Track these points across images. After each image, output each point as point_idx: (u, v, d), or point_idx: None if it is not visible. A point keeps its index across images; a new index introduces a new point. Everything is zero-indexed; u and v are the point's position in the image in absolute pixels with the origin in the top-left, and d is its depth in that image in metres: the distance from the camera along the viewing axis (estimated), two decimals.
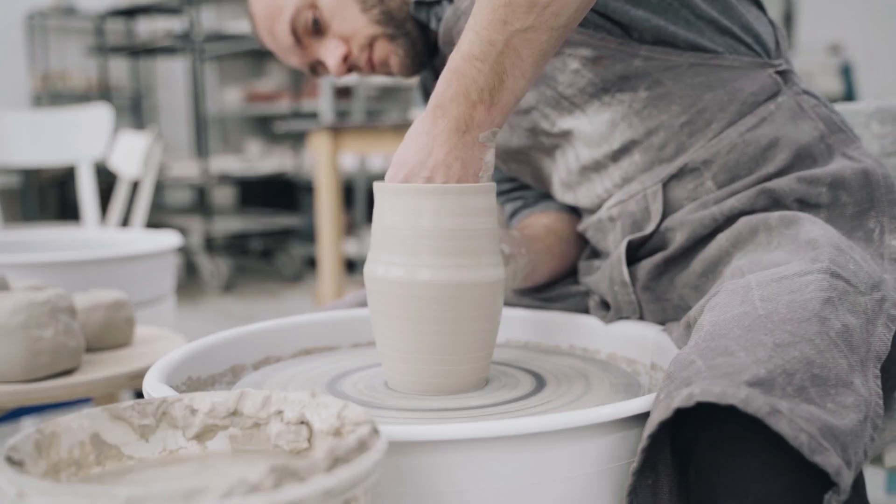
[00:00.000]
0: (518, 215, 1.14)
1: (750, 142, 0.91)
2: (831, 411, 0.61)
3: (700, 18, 0.92)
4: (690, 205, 0.92)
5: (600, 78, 0.93)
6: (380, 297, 0.81)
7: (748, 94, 0.92)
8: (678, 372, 0.64)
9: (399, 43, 1.04)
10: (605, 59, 0.92)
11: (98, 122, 2.80)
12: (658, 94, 0.92)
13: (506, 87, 0.77)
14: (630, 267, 0.94)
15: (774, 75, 0.94)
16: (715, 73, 0.92)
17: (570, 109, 0.96)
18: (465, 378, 0.81)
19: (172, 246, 1.84)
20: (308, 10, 1.03)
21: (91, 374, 1.08)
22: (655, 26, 0.91)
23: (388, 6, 1.03)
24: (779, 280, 0.71)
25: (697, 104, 0.92)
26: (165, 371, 0.81)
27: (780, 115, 0.92)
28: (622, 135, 0.94)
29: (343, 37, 1.04)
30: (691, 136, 0.92)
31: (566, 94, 0.95)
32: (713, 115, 0.92)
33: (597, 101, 0.94)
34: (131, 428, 0.61)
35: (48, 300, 1.06)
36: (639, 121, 0.93)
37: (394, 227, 0.79)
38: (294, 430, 0.61)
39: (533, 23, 0.75)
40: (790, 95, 0.94)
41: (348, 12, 1.03)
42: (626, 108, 0.93)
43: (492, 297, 0.80)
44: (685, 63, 0.92)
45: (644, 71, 0.92)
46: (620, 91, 0.93)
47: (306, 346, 1.01)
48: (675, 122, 0.92)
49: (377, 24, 1.03)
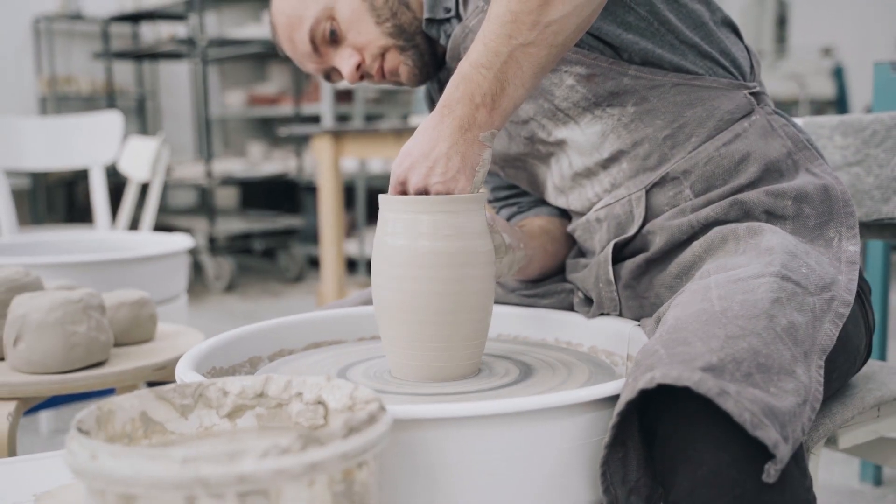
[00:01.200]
0: (514, 219, 1.24)
1: (725, 155, 1.01)
2: (773, 394, 0.71)
3: (684, 43, 1.02)
4: (670, 210, 1.02)
5: (593, 93, 1.03)
6: (383, 304, 0.91)
7: (725, 112, 1.02)
8: (644, 359, 0.74)
9: (409, 54, 1.14)
10: (598, 77, 1.02)
11: (108, 128, 2.91)
12: (644, 109, 1.02)
13: (506, 93, 0.88)
14: (614, 266, 1.05)
15: (749, 96, 1.04)
16: (696, 93, 1.02)
17: (565, 121, 1.06)
18: (460, 367, 0.91)
19: (185, 247, 1.94)
20: (326, 21, 1.13)
21: (120, 366, 1.18)
22: (644, 49, 1.01)
23: (400, 20, 1.12)
24: (735, 281, 0.82)
25: (679, 120, 1.02)
26: (194, 361, 0.91)
27: (753, 132, 1.02)
28: (611, 145, 1.04)
29: (357, 47, 1.14)
30: (673, 148, 1.02)
31: (562, 106, 1.05)
32: (693, 129, 1.02)
33: (589, 114, 1.04)
34: (173, 407, 0.71)
35: (81, 298, 1.16)
36: (626, 133, 1.03)
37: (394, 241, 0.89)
38: (312, 409, 0.71)
39: (535, 39, 0.86)
40: (762, 115, 1.04)
41: (363, 25, 1.12)
42: (615, 122, 1.04)
43: (482, 302, 0.91)
44: (669, 82, 1.02)
45: (632, 88, 1.02)
46: (611, 106, 1.03)
47: (316, 340, 1.12)
48: (659, 135, 1.02)
49: (389, 37, 1.12)
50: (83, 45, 5.92)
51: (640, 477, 0.77)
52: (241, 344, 1.03)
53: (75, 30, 5.88)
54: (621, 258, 1.06)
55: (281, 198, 5.97)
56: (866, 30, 6.19)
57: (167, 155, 2.96)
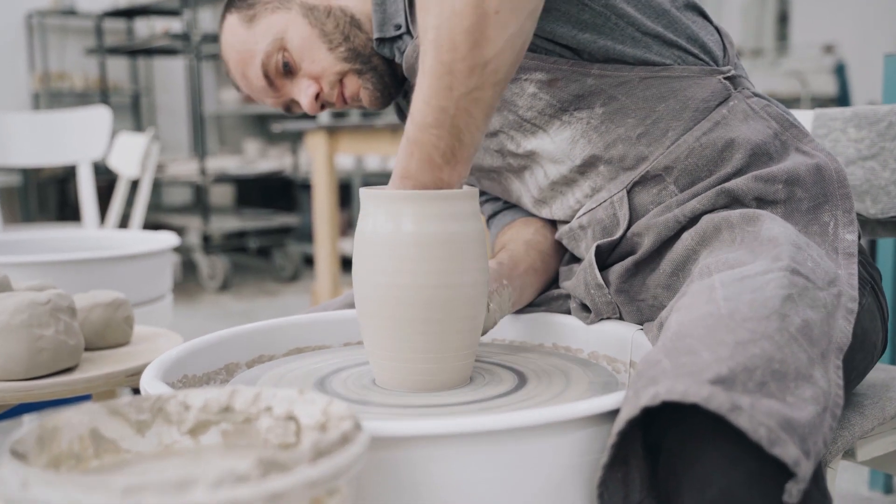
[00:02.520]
0: (498, 218, 1.18)
1: (706, 145, 0.94)
2: (790, 404, 0.64)
3: (646, 35, 0.96)
4: (656, 209, 0.96)
5: (557, 99, 0.97)
6: (366, 302, 0.84)
7: (699, 101, 0.96)
8: (646, 371, 0.67)
9: (367, 77, 1.08)
10: (560, 81, 0.96)
11: (97, 124, 2.84)
12: (613, 109, 0.96)
13: (464, 143, 0.82)
14: (603, 272, 0.98)
15: (724, 81, 0.97)
16: (666, 85, 0.96)
17: (533, 131, 1.00)
18: (450, 376, 0.84)
19: (170, 246, 1.87)
20: (278, 53, 1.08)
21: (90, 372, 1.11)
22: (603, 47, 0.95)
23: (354, 44, 1.07)
24: (741, 279, 0.75)
25: (652, 115, 0.96)
26: (162, 369, 0.84)
27: (733, 118, 0.96)
28: (583, 150, 0.98)
29: (313, 76, 1.09)
30: (650, 146, 0.96)
31: (526, 116, 0.99)
32: (668, 123, 0.95)
33: (557, 120, 0.98)
34: (128, 423, 0.64)
35: (49, 300, 1.09)
36: (597, 136, 0.97)
37: (377, 234, 0.82)
38: (282, 425, 0.64)
39: (476, 83, 0.79)
40: (741, 99, 0.97)
41: (316, 52, 1.07)
42: (584, 125, 0.97)
43: (476, 298, 0.84)
44: (636, 77, 0.95)
45: (598, 88, 0.96)
46: (578, 109, 0.97)
47: (299, 345, 1.05)
48: (632, 133, 0.96)
49: (344, 61, 1.07)
50: (76, 41, 5.86)
51: (644, 498, 0.70)
52: (217, 349, 0.97)
53: (68, 25, 5.82)
54: (610, 262, 0.99)
55: (276, 195, 5.91)
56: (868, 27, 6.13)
57: (157, 151, 2.90)
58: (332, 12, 1.07)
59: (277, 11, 1.08)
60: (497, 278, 0.98)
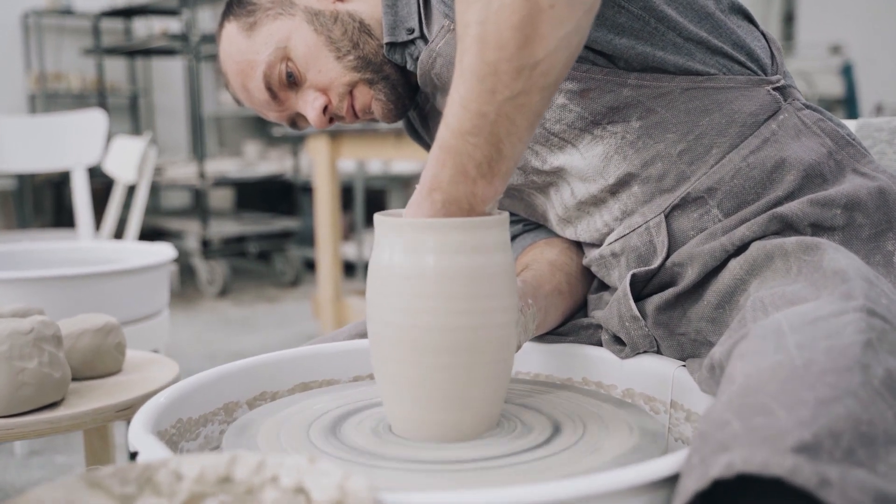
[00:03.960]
0: (519, 240, 1.08)
1: (754, 165, 0.86)
2: (883, 475, 0.55)
3: (688, 40, 0.87)
4: (698, 236, 0.87)
5: (589, 111, 0.88)
6: (382, 343, 0.75)
7: (747, 114, 0.87)
8: (713, 433, 0.58)
9: (379, 87, 1.00)
10: (592, 91, 0.87)
11: (92, 128, 2.75)
12: (652, 122, 0.87)
13: (504, 155, 0.72)
14: (637, 303, 0.89)
15: (773, 92, 0.89)
16: (710, 96, 0.87)
17: (561, 146, 0.91)
18: (474, 424, 0.75)
19: (167, 259, 1.79)
20: (281, 63, 0.99)
21: (77, 407, 1.02)
22: (641, 53, 0.86)
23: (364, 51, 0.98)
24: (813, 322, 0.66)
25: (694, 130, 0.87)
26: (152, 416, 0.75)
27: (783, 134, 0.87)
28: (617, 168, 0.89)
29: (320, 87, 1.00)
30: (691, 164, 0.87)
31: (554, 130, 0.90)
32: (712, 140, 0.87)
33: (588, 134, 0.89)
34: (111, 497, 0.55)
35: (32, 328, 1.01)
36: (633, 152, 0.88)
37: (394, 267, 0.73)
38: (291, 498, 0.55)
39: (523, 87, 0.69)
40: (791, 112, 0.89)
41: (322, 62, 0.98)
42: (619, 140, 0.89)
43: (506, 339, 0.75)
44: (677, 88, 0.87)
45: (634, 100, 0.87)
46: (611, 123, 0.88)
47: (305, 380, 0.96)
48: (673, 150, 0.87)
49: (354, 71, 0.99)
50: (73, 41, 5.77)
51: None
52: (214, 387, 0.88)
53: (65, 25, 5.73)
54: (647, 293, 0.90)
55: (277, 198, 5.82)
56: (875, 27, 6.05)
57: (154, 155, 2.81)
58: (340, 18, 0.98)
59: (280, 18, 0.99)
60: (521, 297, 0.89)
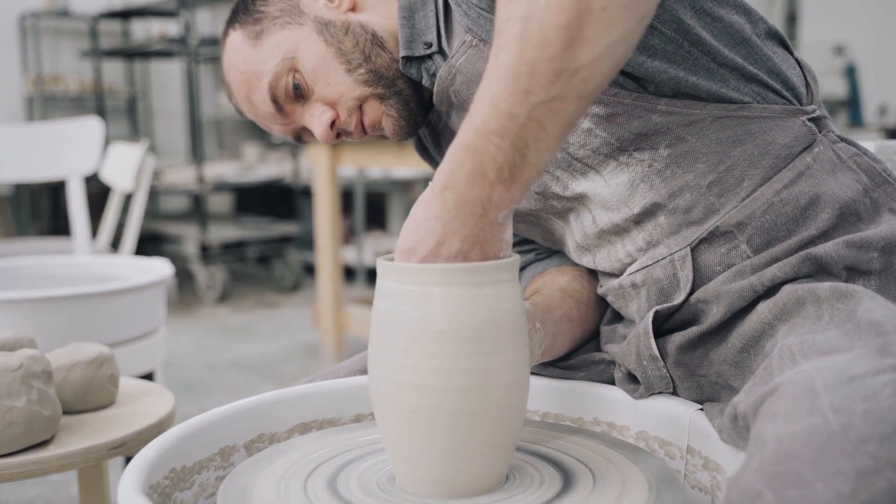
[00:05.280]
0: (529, 269, 1.04)
1: (787, 200, 0.82)
2: None
3: (723, 66, 0.83)
4: (725, 273, 0.83)
5: (615, 137, 0.84)
6: (384, 402, 0.71)
7: (781, 146, 0.83)
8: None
9: (391, 103, 0.95)
10: (620, 116, 0.83)
11: (89, 136, 2.71)
12: (681, 151, 0.83)
13: (528, 162, 0.68)
14: (658, 339, 0.85)
15: (808, 123, 0.85)
16: (743, 126, 0.83)
17: (584, 171, 0.87)
18: (483, 480, 0.71)
19: (164, 277, 1.75)
20: (288, 74, 0.94)
21: (67, 446, 0.99)
22: (674, 78, 0.82)
23: (376, 64, 0.94)
24: (849, 381, 0.62)
25: (725, 161, 0.83)
26: (144, 471, 0.71)
27: (819, 168, 0.83)
28: (643, 197, 0.85)
29: (328, 101, 0.95)
30: (721, 197, 0.83)
31: (578, 155, 0.86)
32: (744, 172, 0.83)
33: (613, 161, 0.85)
34: None
35: (21, 365, 0.97)
36: (661, 181, 0.84)
37: (398, 318, 0.69)
38: None
39: (560, 92, 0.65)
40: (826, 145, 0.85)
41: (332, 75, 0.94)
42: (646, 168, 0.85)
43: (517, 397, 0.71)
44: (709, 116, 0.83)
45: (664, 127, 0.83)
46: (639, 150, 0.84)
47: (304, 420, 0.92)
48: (702, 181, 0.83)
49: (365, 85, 0.94)
50: (71, 44, 5.73)
51: None
52: (208, 432, 0.84)
53: (63, 27, 5.69)
54: (667, 330, 0.86)
55: (276, 202, 5.77)
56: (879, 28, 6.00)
57: (152, 163, 2.77)
58: (351, 29, 0.94)
59: (288, 27, 0.95)
60: (530, 320, 0.85)
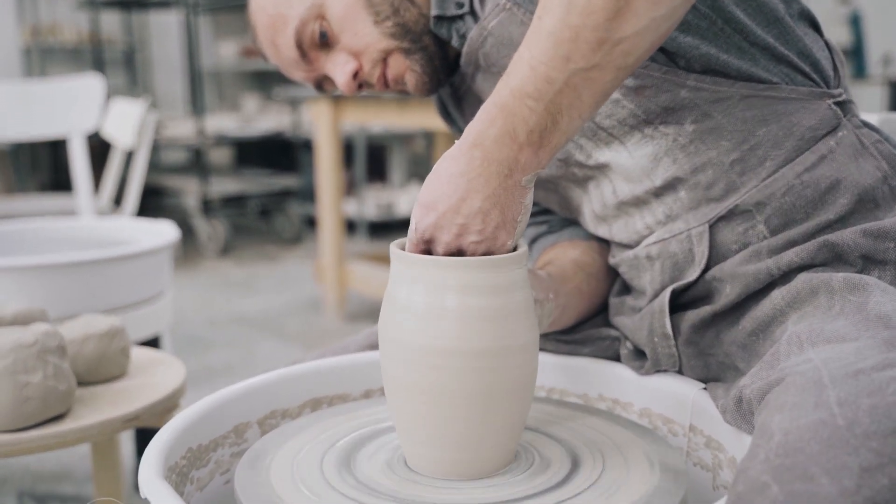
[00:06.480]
0: (541, 241, 1.05)
1: (808, 183, 0.82)
2: None
3: (754, 45, 0.83)
4: (742, 253, 0.84)
5: (642, 109, 0.84)
6: (397, 384, 0.73)
7: (806, 128, 0.83)
8: (750, 496, 0.56)
9: (416, 58, 0.95)
10: (648, 89, 0.83)
11: (90, 93, 2.69)
12: (706, 127, 0.84)
13: (559, 128, 0.69)
14: (671, 316, 0.87)
15: (834, 107, 0.85)
16: (769, 106, 0.83)
17: (608, 141, 0.88)
18: (492, 461, 0.74)
19: (170, 241, 1.76)
20: (315, 21, 0.94)
21: (83, 420, 1.01)
22: (705, 54, 0.82)
23: (404, 18, 0.93)
24: (855, 375, 0.63)
25: (750, 140, 0.83)
26: (162, 454, 0.73)
27: (841, 152, 0.83)
28: (666, 170, 0.86)
29: (353, 51, 0.95)
30: (742, 175, 0.84)
31: (604, 125, 0.87)
32: (767, 152, 0.83)
33: (638, 133, 0.86)
34: None
35: (36, 340, 0.99)
36: (684, 156, 0.85)
37: (412, 305, 0.71)
38: None
39: (599, 61, 0.67)
40: (850, 129, 0.85)
41: (359, 25, 0.94)
42: (670, 142, 0.85)
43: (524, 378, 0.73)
44: (737, 94, 0.83)
45: (691, 102, 0.83)
46: (664, 123, 0.85)
47: (315, 395, 0.94)
48: (725, 159, 0.84)
49: (391, 38, 0.94)
50: None
51: None
52: (222, 411, 0.86)
53: None
54: (679, 305, 0.88)
55: (277, 156, 5.76)
56: None
57: (154, 119, 2.76)
58: None
59: None
60: (544, 290, 0.86)
